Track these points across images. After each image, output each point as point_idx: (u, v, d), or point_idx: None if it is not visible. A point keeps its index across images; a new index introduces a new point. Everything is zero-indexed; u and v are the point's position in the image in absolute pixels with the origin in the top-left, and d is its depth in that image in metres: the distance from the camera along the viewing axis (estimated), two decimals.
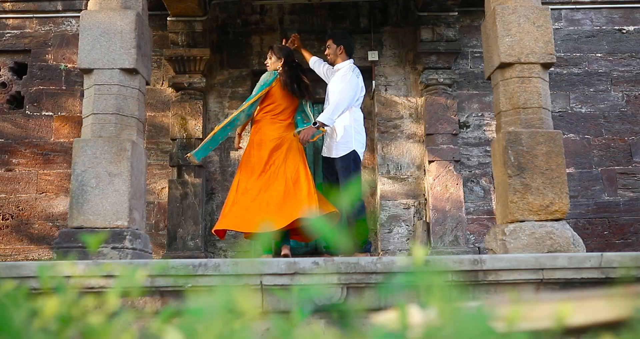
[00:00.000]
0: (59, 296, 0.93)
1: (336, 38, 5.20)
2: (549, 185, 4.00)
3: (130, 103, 4.18)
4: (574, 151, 6.42)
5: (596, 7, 6.72)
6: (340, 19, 6.75)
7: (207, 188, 6.50)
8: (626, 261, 3.44)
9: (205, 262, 3.44)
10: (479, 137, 6.48)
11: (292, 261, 3.42)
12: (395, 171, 6.46)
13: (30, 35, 6.62)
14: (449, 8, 6.39)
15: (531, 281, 3.49)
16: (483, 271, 3.46)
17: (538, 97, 4.14)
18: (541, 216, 3.98)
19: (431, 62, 6.45)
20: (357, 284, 3.45)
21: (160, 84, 6.64)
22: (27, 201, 6.31)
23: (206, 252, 6.27)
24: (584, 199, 6.34)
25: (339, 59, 5.16)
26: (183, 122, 6.40)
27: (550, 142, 4.05)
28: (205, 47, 6.46)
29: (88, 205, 3.95)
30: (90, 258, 3.84)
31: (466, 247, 6.11)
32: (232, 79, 6.65)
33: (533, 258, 3.48)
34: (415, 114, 6.57)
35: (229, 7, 6.75)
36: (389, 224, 6.35)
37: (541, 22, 4.22)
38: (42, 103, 6.50)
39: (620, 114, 6.51)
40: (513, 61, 4.17)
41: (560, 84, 6.57)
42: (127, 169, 4.01)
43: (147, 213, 6.37)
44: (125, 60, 4.14)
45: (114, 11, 4.22)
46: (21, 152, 6.40)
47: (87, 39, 4.17)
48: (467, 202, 6.33)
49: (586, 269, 3.46)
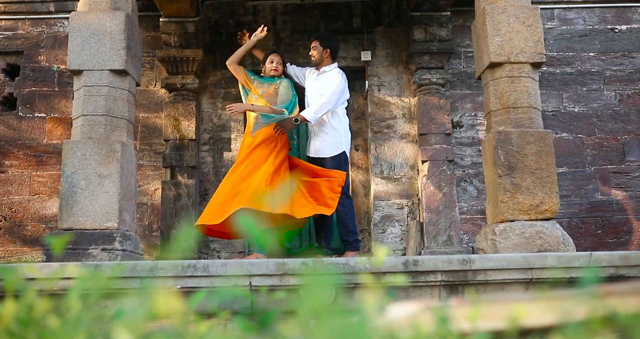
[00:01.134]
0: (20, 299, 0.93)
1: (323, 40, 5.19)
2: (539, 184, 4.00)
3: (120, 104, 4.17)
4: (567, 151, 6.42)
5: (589, 7, 6.72)
6: (333, 19, 6.75)
7: (201, 189, 6.50)
8: (615, 260, 3.45)
9: (194, 263, 3.43)
10: (472, 137, 6.48)
11: (281, 262, 3.41)
12: (388, 171, 6.46)
13: (22, 37, 6.61)
14: (441, 8, 6.39)
15: (520, 281, 3.49)
16: (472, 270, 3.46)
17: (528, 97, 4.14)
18: (531, 215, 3.98)
19: (424, 62, 6.45)
20: (346, 284, 3.45)
21: (153, 85, 6.63)
22: (20, 203, 6.30)
23: (199, 254, 6.26)
24: (577, 198, 6.34)
25: (324, 61, 5.17)
26: (176, 123, 6.40)
27: (540, 141, 4.05)
28: (198, 48, 6.45)
29: (78, 207, 3.94)
30: (80, 259, 3.84)
31: (460, 247, 6.11)
32: (225, 80, 6.64)
33: (522, 258, 3.48)
34: (408, 114, 6.57)
35: (222, 8, 6.75)
36: (382, 224, 6.35)
37: (531, 22, 4.23)
38: (35, 105, 6.49)
39: (613, 113, 6.51)
40: (503, 61, 4.17)
41: (553, 83, 6.57)
42: (117, 170, 4.01)
43: (141, 214, 6.36)
44: (115, 62, 4.14)
45: (103, 12, 4.22)
46: (14, 154, 6.39)
47: (77, 40, 4.17)
48: (461, 202, 6.33)
49: (575, 268, 3.47)
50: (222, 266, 3.42)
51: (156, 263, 3.40)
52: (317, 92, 5.06)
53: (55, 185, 6.27)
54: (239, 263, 3.47)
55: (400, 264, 3.41)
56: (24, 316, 0.90)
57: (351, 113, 6.86)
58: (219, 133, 6.60)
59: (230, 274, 3.40)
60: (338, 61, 6.71)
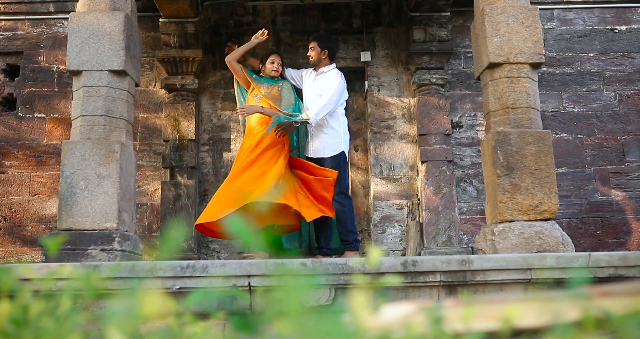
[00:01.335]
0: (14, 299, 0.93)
1: (321, 41, 5.18)
2: (538, 185, 4.00)
3: (119, 105, 4.17)
4: (567, 151, 6.42)
5: (588, 7, 6.72)
6: (333, 20, 6.75)
7: (200, 189, 6.50)
8: (614, 260, 3.45)
9: (193, 264, 3.44)
10: (471, 137, 6.48)
11: (280, 263, 3.42)
12: (388, 172, 6.46)
13: (22, 37, 6.61)
14: (441, 8, 6.39)
15: (519, 281, 3.49)
16: (471, 271, 3.46)
17: (527, 97, 4.14)
18: (530, 216, 3.98)
19: (424, 63, 6.45)
20: (345, 285, 3.45)
21: (153, 86, 6.63)
22: (20, 203, 6.31)
23: (199, 254, 6.26)
24: (577, 198, 6.34)
25: (322, 62, 5.17)
26: (176, 124, 6.40)
27: (539, 142, 4.05)
28: (198, 48, 6.45)
29: (77, 207, 3.94)
30: (79, 260, 3.84)
31: (459, 248, 6.11)
32: (225, 80, 6.65)
33: (521, 258, 3.48)
34: (408, 114, 6.57)
35: (222, 8, 6.75)
36: (382, 224, 6.35)
37: (530, 22, 4.22)
38: (35, 105, 6.49)
39: (612, 113, 6.51)
40: (502, 61, 4.17)
41: (553, 83, 6.57)
42: (116, 170, 4.01)
43: (140, 215, 6.37)
44: (114, 62, 4.14)
45: (102, 13, 4.22)
46: (14, 154, 6.39)
47: (76, 41, 4.17)
48: (460, 202, 6.33)
49: (574, 269, 3.46)
50: (221, 266, 3.42)
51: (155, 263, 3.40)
52: (316, 93, 5.06)
53: (55, 185, 6.27)
54: (237, 263, 3.47)
55: (399, 265, 3.41)
56: (19, 317, 0.90)
57: (351, 113, 6.87)
58: (219, 133, 6.60)
59: (229, 274, 3.40)
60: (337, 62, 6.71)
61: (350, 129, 6.81)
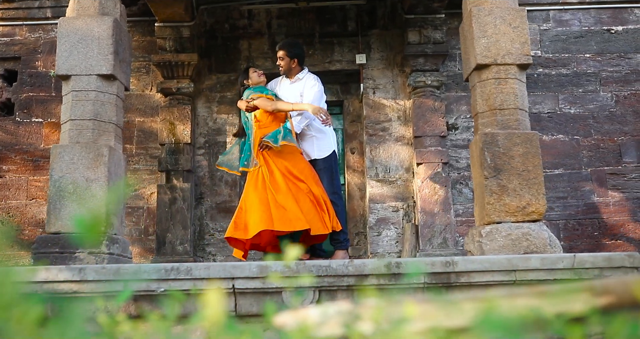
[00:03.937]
0: None
1: (289, 50, 5.14)
2: (525, 186, 3.99)
3: (108, 109, 4.20)
4: (563, 152, 6.39)
5: (584, 8, 6.69)
6: (328, 23, 6.76)
7: (196, 193, 6.52)
8: (599, 261, 3.43)
9: (177, 266, 3.45)
10: (467, 139, 6.46)
11: (264, 265, 3.42)
12: (383, 174, 6.45)
13: (20, 43, 6.67)
14: (435, 10, 6.38)
15: (504, 283, 3.47)
16: (455, 273, 3.45)
17: (514, 99, 4.13)
18: (518, 217, 3.97)
19: (419, 65, 6.44)
20: (329, 287, 3.46)
21: (149, 90, 6.67)
22: (17, 207, 6.35)
23: (195, 257, 6.28)
24: (573, 200, 6.31)
25: (293, 70, 5.17)
26: (172, 128, 6.43)
27: (526, 143, 4.04)
28: (193, 52, 6.48)
29: (65, 211, 3.97)
30: (67, 263, 3.86)
31: (455, 250, 6.09)
32: (221, 84, 6.68)
33: (505, 260, 3.47)
34: (403, 116, 6.56)
35: (217, 12, 6.78)
36: (377, 227, 6.34)
37: (517, 23, 4.22)
38: (32, 110, 6.54)
39: (609, 114, 6.48)
40: (489, 62, 4.17)
41: (549, 84, 6.55)
42: (105, 174, 4.03)
43: (136, 218, 6.40)
44: (103, 67, 4.17)
45: (91, 18, 4.25)
46: (11, 159, 6.44)
47: (65, 46, 4.20)
48: (456, 204, 6.32)
49: (559, 270, 3.45)
50: (205, 268, 3.43)
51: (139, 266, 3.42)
52: (296, 99, 5.05)
53: None
54: (221, 265, 3.48)
55: (383, 267, 3.40)
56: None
57: (346, 116, 6.88)
58: (215, 137, 6.63)
59: (213, 276, 3.41)
60: (333, 64, 6.75)
61: (346, 131, 6.83)
